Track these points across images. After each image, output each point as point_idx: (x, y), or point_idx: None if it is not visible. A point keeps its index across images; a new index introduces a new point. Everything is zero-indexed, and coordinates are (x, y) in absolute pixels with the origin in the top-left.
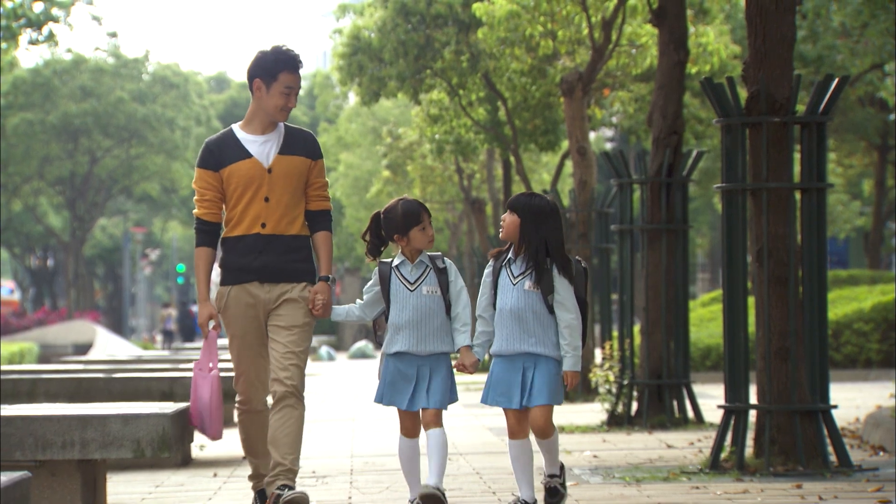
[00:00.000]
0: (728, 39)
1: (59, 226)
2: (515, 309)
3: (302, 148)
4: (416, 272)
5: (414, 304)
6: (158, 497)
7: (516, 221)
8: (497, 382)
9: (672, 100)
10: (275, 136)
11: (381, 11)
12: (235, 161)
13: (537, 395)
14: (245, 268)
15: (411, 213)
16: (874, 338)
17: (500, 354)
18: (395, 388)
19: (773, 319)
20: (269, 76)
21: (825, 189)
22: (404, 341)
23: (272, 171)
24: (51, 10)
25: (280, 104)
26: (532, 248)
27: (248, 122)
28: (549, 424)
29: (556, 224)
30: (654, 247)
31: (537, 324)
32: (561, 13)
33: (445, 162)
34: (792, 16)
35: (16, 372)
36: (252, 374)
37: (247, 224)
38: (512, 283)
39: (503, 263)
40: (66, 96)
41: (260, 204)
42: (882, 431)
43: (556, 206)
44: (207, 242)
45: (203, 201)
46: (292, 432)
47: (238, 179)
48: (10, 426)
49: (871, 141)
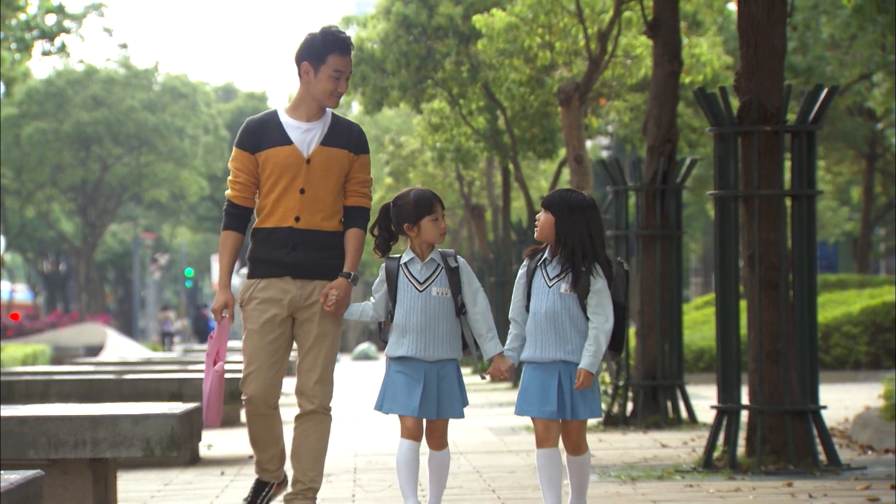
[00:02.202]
0: (720, 51)
1: (71, 231)
2: (551, 313)
3: (346, 140)
4: (426, 271)
5: (423, 307)
6: (167, 495)
7: (551, 220)
8: (535, 391)
9: (666, 109)
10: (320, 124)
11: (384, 23)
12: (274, 146)
13: (577, 410)
14: (277, 262)
15: (424, 202)
16: (863, 340)
17: (534, 361)
18: (400, 394)
19: (765, 322)
20: (318, 59)
21: (815, 196)
22: (410, 345)
23: (311, 161)
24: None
25: (329, 89)
26: (568, 249)
27: (295, 108)
28: (584, 440)
29: (594, 222)
30: (649, 252)
31: (574, 330)
32: (558, 25)
33: (446, 169)
34: (782, 28)
35: (29, 373)
36: (265, 374)
37: (279, 216)
38: (548, 285)
39: (538, 264)
40: (78, 106)
41: (294, 195)
42: (870, 431)
43: (594, 202)
44: (235, 226)
45: (236, 183)
46: (315, 447)
47: (274, 166)
48: (24, 426)
49: (859, 149)
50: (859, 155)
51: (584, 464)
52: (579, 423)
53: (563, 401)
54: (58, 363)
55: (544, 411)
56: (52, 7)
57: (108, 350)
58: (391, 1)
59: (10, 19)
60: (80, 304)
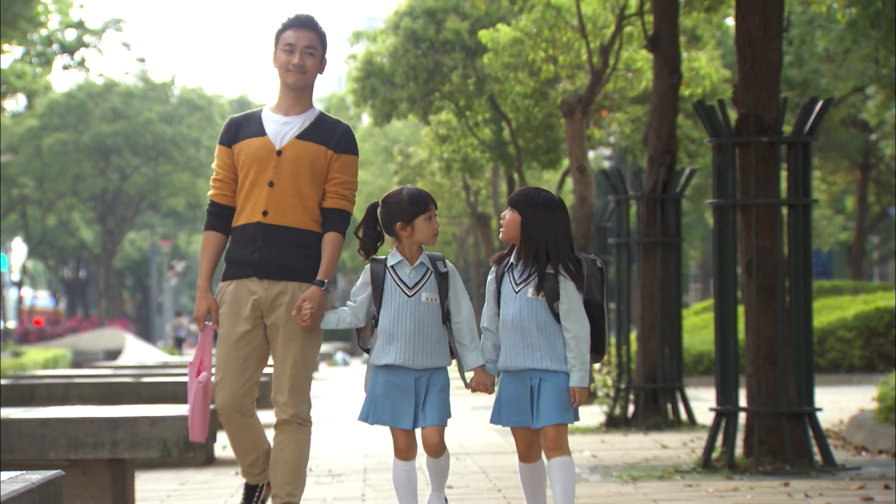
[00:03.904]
0: (719, 64)
1: (90, 239)
2: (517, 320)
3: (327, 138)
4: (415, 275)
5: (412, 313)
6: (183, 494)
7: (517, 219)
8: (508, 401)
9: (666, 121)
10: (300, 119)
11: (393, 38)
12: (248, 137)
13: (545, 415)
14: (244, 261)
15: (419, 200)
16: (857, 344)
17: (507, 370)
18: (388, 405)
19: (762, 327)
20: (276, 41)
21: (810, 205)
22: (398, 353)
23: (282, 153)
24: (83, 37)
25: (283, 62)
26: (533, 250)
27: (277, 103)
28: (564, 443)
29: (560, 220)
30: (650, 259)
31: (541, 336)
32: (561, 40)
33: (453, 179)
34: (779, 42)
35: (50, 376)
36: (233, 383)
37: (249, 211)
38: (514, 290)
39: (505, 269)
40: (98, 118)
41: (263, 189)
42: (864, 433)
43: (562, 201)
44: (215, 226)
45: (216, 181)
46: (292, 459)
47: (246, 157)
48: (45, 427)
49: (853, 160)
50: (853, 165)
51: (565, 466)
52: (555, 428)
53: (534, 408)
54: (78, 367)
55: (516, 420)
56: (73, 23)
57: (127, 354)
58: (400, 16)
59: (31, 34)
60: (99, 310)
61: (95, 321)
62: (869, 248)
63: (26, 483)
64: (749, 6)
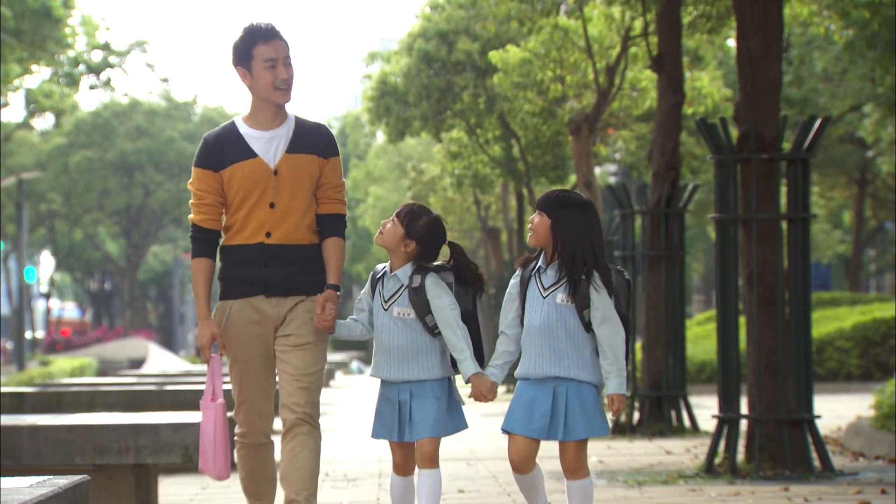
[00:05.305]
0: (720, 84)
1: (115, 252)
2: (545, 326)
3: (314, 144)
4: (390, 288)
5: (386, 326)
6: (205, 498)
7: (546, 223)
8: (517, 408)
9: (670, 138)
10: (283, 131)
11: (406, 59)
12: (238, 161)
13: (573, 429)
14: (249, 279)
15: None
16: (854, 354)
17: (527, 377)
18: (380, 418)
19: (763, 337)
20: (246, 57)
21: (809, 219)
22: (381, 366)
23: (279, 172)
24: (108, 58)
25: (269, 80)
26: (566, 255)
27: (251, 116)
28: (583, 463)
29: (593, 224)
30: (654, 271)
31: (570, 343)
32: (569, 60)
33: (464, 194)
34: (778, 62)
35: (77, 385)
36: (256, 403)
37: (249, 232)
38: (542, 295)
39: (532, 273)
40: (122, 136)
41: (265, 210)
42: (862, 439)
43: (591, 201)
44: (206, 252)
45: (202, 205)
46: (306, 465)
47: (240, 182)
48: (72, 434)
49: (850, 175)
50: (851, 181)
51: (585, 490)
52: (577, 444)
53: (557, 420)
54: (103, 375)
55: (529, 429)
56: (99, 44)
57: (150, 363)
58: (413, 38)
59: (59, 55)
60: (124, 320)
61: (120, 331)
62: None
63: (54, 487)
64: (750, 28)
